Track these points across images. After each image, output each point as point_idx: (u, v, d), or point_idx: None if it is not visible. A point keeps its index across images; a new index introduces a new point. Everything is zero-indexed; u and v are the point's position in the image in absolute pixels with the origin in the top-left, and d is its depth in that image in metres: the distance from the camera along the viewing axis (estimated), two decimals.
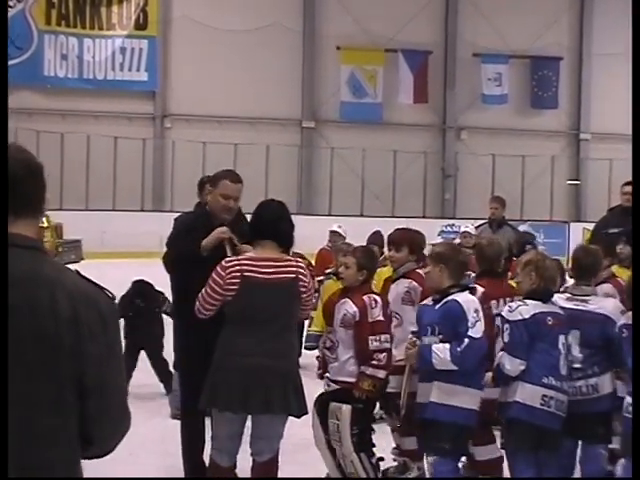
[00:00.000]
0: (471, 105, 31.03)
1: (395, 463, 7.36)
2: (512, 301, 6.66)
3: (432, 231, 18.96)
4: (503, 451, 6.82)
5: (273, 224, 5.93)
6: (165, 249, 6.43)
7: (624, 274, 7.79)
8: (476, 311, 6.17)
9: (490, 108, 30.92)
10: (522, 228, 21.87)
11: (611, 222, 10.66)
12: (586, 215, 29.27)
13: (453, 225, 25.60)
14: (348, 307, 6.66)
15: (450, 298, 6.21)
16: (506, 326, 6.37)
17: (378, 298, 6.81)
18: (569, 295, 6.69)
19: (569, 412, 6.37)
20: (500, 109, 30.86)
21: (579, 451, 6.70)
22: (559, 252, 18.60)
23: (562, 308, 6.49)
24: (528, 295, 6.47)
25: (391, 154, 30.13)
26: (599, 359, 6.42)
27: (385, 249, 9.09)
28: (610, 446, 6.82)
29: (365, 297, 6.69)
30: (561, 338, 6.38)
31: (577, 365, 6.50)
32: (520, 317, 6.32)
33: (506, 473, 7.04)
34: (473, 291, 6.48)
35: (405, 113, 30.71)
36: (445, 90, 31.26)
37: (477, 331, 6.10)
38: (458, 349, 6.04)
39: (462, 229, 12.76)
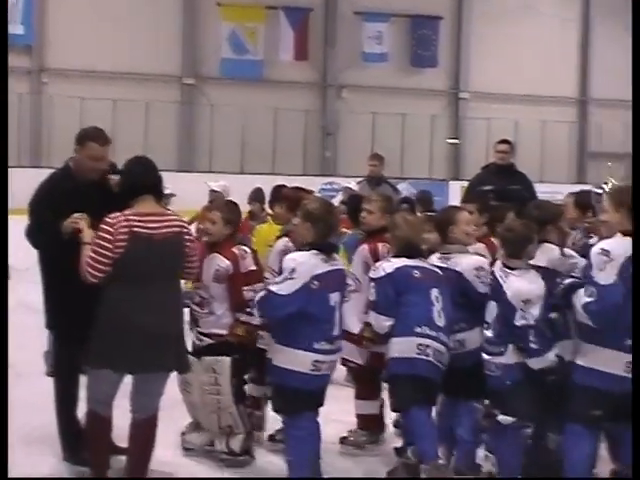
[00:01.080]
0: (352, 63, 31.10)
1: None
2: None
3: (313, 188, 19.02)
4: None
5: (148, 179, 5.86)
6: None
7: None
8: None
9: (371, 66, 31.05)
10: (402, 186, 22.08)
11: (485, 180, 10.83)
12: (465, 173, 29.68)
13: (333, 183, 25.73)
14: (219, 261, 6.68)
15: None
16: (372, 285, 6.44)
17: (247, 249, 6.86)
18: (438, 254, 6.78)
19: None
20: (380, 67, 31.02)
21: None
22: (437, 209, 18.85)
23: (433, 266, 6.59)
24: (397, 253, 6.55)
25: (272, 111, 30.08)
26: (466, 315, 6.47)
27: (266, 206, 9.12)
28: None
29: (235, 249, 6.73)
30: (433, 291, 6.46)
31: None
32: (383, 273, 6.40)
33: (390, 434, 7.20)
34: None
35: (286, 70, 30.65)
36: (326, 48, 31.28)
37: None
38: None
39: (345, 186, 12.83)
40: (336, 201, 12.53)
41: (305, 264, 6.07)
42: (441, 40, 31.98)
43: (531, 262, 6.41)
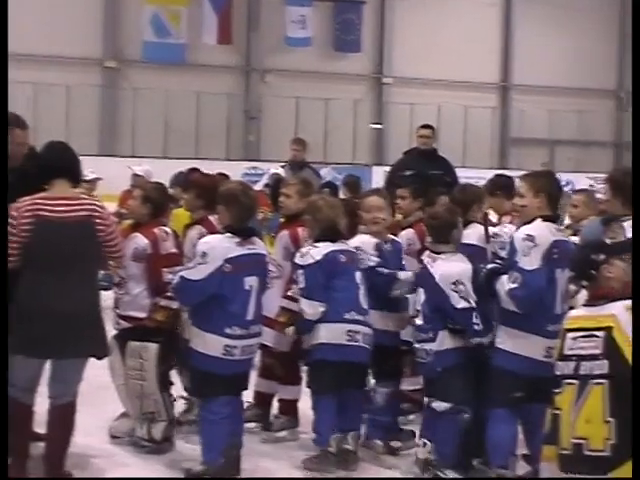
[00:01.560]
0: (275, 47, 30.99)
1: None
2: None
3: (236, 173, 18.98)
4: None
5: (61, 162, 5.83)
6: None
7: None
8: None
9: (294, 51, 30.97)
10: (325, 171, 22.14)
11: (407, 165, 10.88)
12: (388, 158, 29.77)
13: (256, 167, 25.68)
14: (138, 241, 6.65)
15: None
16: (300, 272, 6.44)
17: (169, 230, 6.83)
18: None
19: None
20: (304, 52, 30.96)
21: None
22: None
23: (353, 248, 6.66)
24: (318, 237, 6.57)
25: (195, 95, 29.88)
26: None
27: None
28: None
29: (156, 230, 6.69)
30: (357, 274, 6.51)
31: None
32: (312, 260, 6.41)
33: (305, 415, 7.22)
34: None
35: (209, 54, 30.44)
36: (249, 32, 31.13)
37: None
38: None
39: (272, 171, 12.83)
40: (260, 185, 12.56)
41: (217, 248, 6.07)
42: (364, 25, 32.00)
43: (463, 241, 6.51)
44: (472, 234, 6.91)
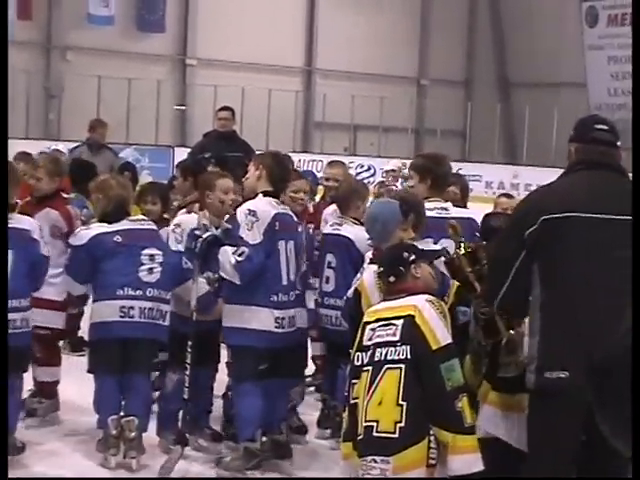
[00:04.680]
0: (77, 25, 30.31)
1: None
2: None
3: (35, 152, 18.48)
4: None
5: None
6: None
7: None
8: None
9: (97, 29, 30.36)
10: (126, 152, 21.85)
11: (206, 147, 10.88)
12: (191, 140, 29.54)
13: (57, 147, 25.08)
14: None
15: None
16: (68, 250, 6.49)
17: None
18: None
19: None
20: (107, 30, 30.38)
21: None
22: (164, 176, 18.76)
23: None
24: (101, 218, 6.58)
25: None
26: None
27: None
28: None
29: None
30: (146, 251, 6.50)
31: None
32: (79, 242, 6.42)
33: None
34: None
35: (8, 30, 29.54)
36: (50, 8, 30.36)
37: None
38: None
39: (52, 147, 12.67)
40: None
41: None
42: (168, 5, 31.72)
43: None
44: None
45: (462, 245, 5.22)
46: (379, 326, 4.90)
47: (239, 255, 6.04)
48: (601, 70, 31.53)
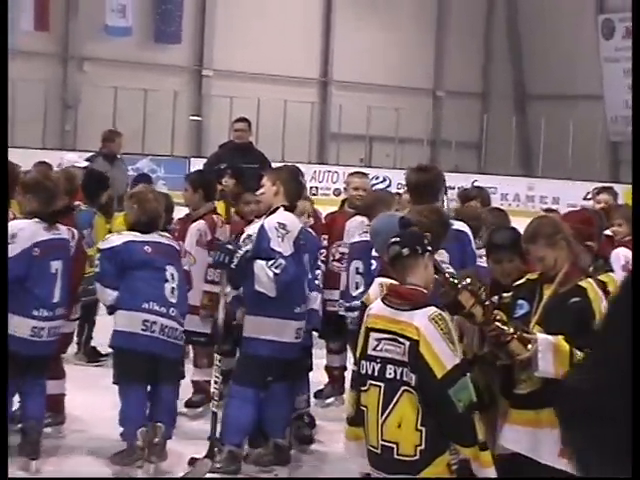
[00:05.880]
0: (94, 36, 30.44)
1: None
2: None
3: (52, 162, 18.53)
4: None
5: None
6: None
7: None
8: None
9: (114, 40, 30.49)
10: (142, 162, 21.97)
11: (222, 158, 10.88)
12: (207, 151, 29.61)
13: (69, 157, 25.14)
14: None
15: None
16: (97, 256, 6.47)
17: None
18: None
19: None
20: (124, 41, 30.51)
21: None
22: (179, 187, 18.82)
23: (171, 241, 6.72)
24: (132, 227, 6.57)
25: (10, 82, 29.05)
26: None
27: None
28: None
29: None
30: (169, 268, 6.50)
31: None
32: (109, 246, 6.43)
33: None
34: None
35: (26, 40, 29.66)
36: (68, 19, 30.50)
37: None
38: None
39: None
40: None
41: (26, 230, 6.16)
42: (185, 16, 31.82)
43: None
44: None
45: (456, 281, 4.87)
46: (385, 339, 4.84)
47: (276, 267, 6.07)
48: (617, 82, 31.50)
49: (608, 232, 7.02)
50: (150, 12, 31.44)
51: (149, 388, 6.51)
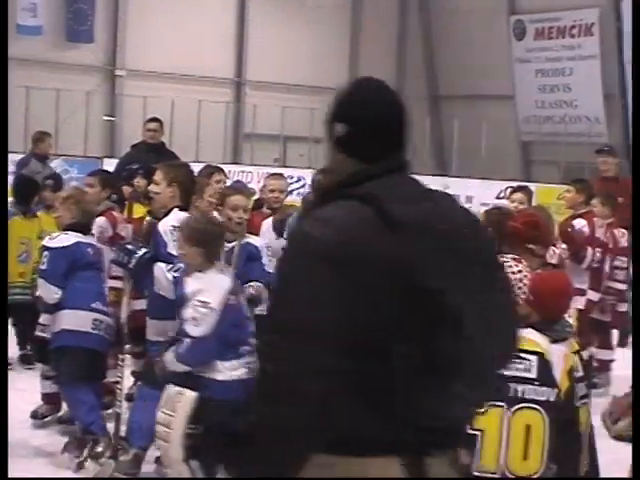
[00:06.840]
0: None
1: None
2: None
3: None
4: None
5: None
6: None
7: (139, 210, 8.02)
8: None
9: (24, 39, 30.04)
10: (55, 162, 21.65)
11: (134, 158, 10.86)
12: (121, 151, 29.36)
13: None
14: None
15: None
16: (45, 253, 6.47)
17: None
18: None
19: None
20: (35, 41, 30.11)
21: None
22: None
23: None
24: (68, 227, 6.58)
25: None
26: None
27: None
28: None
29: None
30: (105, 269, 6.61)
31: None
32: (61, 245, 6.43)
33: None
34: None
35: None
36: None
37: None
38: None
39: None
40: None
41: None
42: (98, 15, 31.50)
43: None
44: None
45: None
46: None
47: (175, 271, 6.04)
48: (528, 83, 31.91)
49: None
50: (62, 11, 31.06)
51: None
